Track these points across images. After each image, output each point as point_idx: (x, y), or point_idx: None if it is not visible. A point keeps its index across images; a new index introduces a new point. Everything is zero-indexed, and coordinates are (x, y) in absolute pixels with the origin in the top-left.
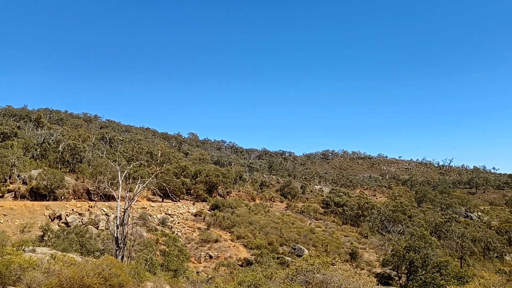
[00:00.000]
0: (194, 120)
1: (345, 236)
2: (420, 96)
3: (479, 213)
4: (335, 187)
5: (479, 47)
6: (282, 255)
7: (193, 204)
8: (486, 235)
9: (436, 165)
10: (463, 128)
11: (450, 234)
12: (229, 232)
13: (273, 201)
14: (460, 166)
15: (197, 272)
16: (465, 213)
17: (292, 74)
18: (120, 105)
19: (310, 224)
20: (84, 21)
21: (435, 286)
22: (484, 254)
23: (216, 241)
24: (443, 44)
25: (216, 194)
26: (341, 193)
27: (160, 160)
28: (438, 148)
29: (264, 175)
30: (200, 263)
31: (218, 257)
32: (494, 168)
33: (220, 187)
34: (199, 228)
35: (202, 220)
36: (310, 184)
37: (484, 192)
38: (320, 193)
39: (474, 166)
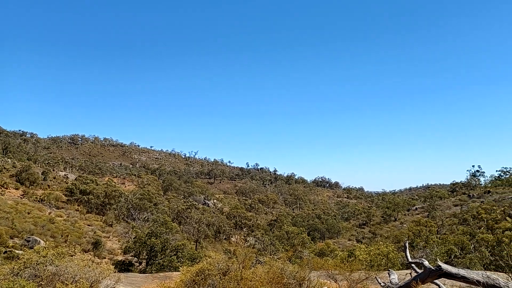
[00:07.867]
0: None
1: (89, 225)
2: (172, 87)
3: (215, 200)
4: (83, 174)
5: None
6: (12, 249)
7: None
8: (218, 220)
9: (183, 157)
10: (207, 121)
11: (189, 220)
12: None
13: (6, 188)
14: (203, 158)
15: None
16: (204, 201)
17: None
18: None
19: (50, 213)
20: None
21: (171, 268)
22: (216, 236)
23: None
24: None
25: None
26: (89, 181)
27: None
28: (187, 140)
29: None
30: None
31: None
32: (229, 162)
33: None
34: None
35: None
36: (54, 170)
37: (220, 182)
38: (64, 180)
39: (214, 159)
